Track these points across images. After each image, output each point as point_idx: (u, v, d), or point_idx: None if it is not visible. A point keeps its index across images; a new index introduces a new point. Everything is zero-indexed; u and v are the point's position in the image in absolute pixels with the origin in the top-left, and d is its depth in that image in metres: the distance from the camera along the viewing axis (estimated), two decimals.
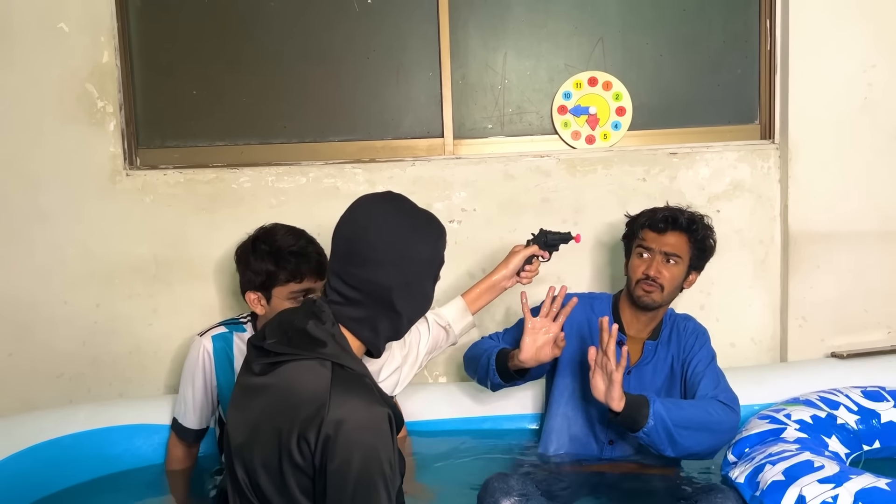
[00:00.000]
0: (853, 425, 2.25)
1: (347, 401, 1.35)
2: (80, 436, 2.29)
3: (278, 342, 1.45)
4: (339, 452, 1.32)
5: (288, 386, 1.39)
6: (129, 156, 2.77)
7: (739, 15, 2.83)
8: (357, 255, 1.46)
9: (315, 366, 1.40)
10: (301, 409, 1.35)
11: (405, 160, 2.78)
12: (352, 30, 2.80)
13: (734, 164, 2.79)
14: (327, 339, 1.43)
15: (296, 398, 1.37)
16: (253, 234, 2.20)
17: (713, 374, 2.16)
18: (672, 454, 2.00)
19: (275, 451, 1.37)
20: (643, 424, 1.94)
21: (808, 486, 1.82)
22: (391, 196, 1.58)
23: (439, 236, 1.58)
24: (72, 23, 2.68)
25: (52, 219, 2.73)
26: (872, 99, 2.73)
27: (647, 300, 2.18)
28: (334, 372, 1.39)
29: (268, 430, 1.38)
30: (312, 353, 1.41)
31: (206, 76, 2.81)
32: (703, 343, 2.24)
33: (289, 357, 1.42)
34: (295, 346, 1.43)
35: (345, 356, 1.43)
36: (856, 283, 2.80)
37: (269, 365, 1.44)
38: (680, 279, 2.21)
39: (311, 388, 1.36)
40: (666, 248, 2.17)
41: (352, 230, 1.49)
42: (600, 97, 2.81)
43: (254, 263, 2.12)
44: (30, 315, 2.76)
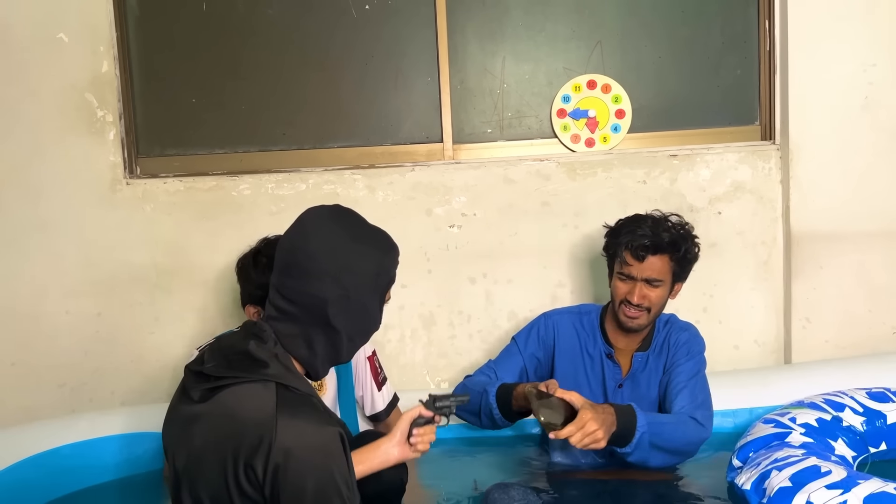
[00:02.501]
0: (859, 427, 2.23)
1: (295, 425, 1.29)
2: (80, 445, 2.29)
3: (217, 366, 1.38)
4: (291, 481, 1.27)
5: (230, 412, 1.32)
6: (129, 165, 2.78)
7: (738, 16, 2.82)
8: (295, 266, 1.40)
9: (258, 388, 1.33)
10: (245, 436, 1.29)
11: (405, 166, 2.78)
12: (350, 36, 2.80)
13: (735, 165, 2.78)
14: (269, 359, 1.36)
15: (239, 425, 1.30)
16: (255, 247, 2.15)
17: (693, 390, 2.10)
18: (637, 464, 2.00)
19: (221, 482, 1.31)
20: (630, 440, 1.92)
21: (815, 492, 1.80)
22: (338, 208, 1.50)
23: (386, 252, 1.48)
24: (71, 33, 2.70)
25: (52, 228, 2.74)
26: (873, 98, 2.72)
27: (632, 325, 2.14)
28: (279, 394, 1.32)
29: (212, 459, 1.32)
30: (254, 375, 1.34)
31: (204, 84, 2.82)
32: (692, 355, 2.17)
33: (229, 381, 1.35)
34: (235, 368, 1.36)
35: (289, 376, 1.36)
36: (859, 284, 2.78)
37: (209, 391, 1.36)
38: (666, 297, 2.16)
39: (255, 413, 1.30)
40: (647, 275, 2.10)
41: (293, 241, 1.43)
42: (599, 100, 2.80)
43: (255, 276, 2.07)
44: (32, 325, 2.77)
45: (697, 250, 2.20)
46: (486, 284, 2.79)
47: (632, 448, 1.92)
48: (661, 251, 2.09)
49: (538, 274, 2.79)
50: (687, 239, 2.15)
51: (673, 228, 2.14)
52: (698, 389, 2.12)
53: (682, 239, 2.13)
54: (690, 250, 2.16)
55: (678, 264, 2.14)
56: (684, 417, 2.04)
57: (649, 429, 1.93)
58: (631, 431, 1.90)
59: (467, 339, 2.82)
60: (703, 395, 2.12)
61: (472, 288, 2.80)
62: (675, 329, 2.23)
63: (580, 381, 2.21)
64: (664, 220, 2.16)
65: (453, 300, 2.81)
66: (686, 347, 2.18)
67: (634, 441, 1.90)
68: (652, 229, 2.10)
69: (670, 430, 1.99)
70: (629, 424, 1.91)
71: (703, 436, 2.05)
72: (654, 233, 2.10)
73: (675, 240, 2.11)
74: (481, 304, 2.80)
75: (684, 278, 2.21)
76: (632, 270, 2.11)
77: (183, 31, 2.80)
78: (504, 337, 2.78)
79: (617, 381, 2.20)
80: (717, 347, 2.80)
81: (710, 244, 2.79)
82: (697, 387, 2.12)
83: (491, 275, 2.79)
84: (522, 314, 2.79)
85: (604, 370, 2.21)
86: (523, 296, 2.80)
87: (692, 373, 2.14)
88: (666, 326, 2.23)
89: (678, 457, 2.06)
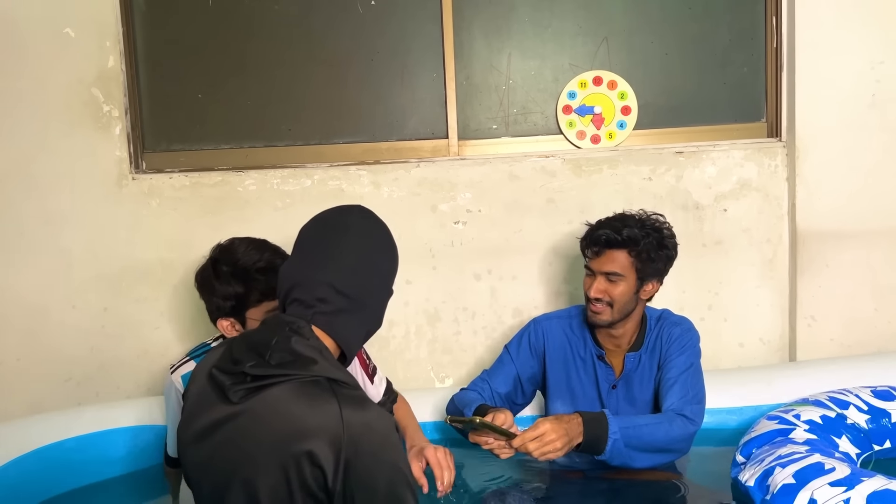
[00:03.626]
0: (863, 425, 2.23)
1: (360, 422, 1.29)
2: (85, 438, 2.29)
3: (257, 364, 1.33)
4: (364, 477, 1.27)
5: (284, 412, 1.29)
6: (135, 160, 2.78)
7: (746, 12, 2.81)
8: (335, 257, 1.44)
9: (310, 387, 1.31)
10: (311, 436, 1.26)
11: (410, 162, 2.78)
12: (355, 32, 2.80)
13: (741, 162, 2.78)
14: (315, 355, 1.34)
15: (301, 424, 1.27)
16: (210, 256, 2.02)
17: (684, 384, 2.08)
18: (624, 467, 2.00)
19: (282, 481, 1.27)
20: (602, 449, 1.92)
21: (819, 489, 1.80)
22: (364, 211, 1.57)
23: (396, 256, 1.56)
24: (77, 28, 2.70)
25: (59, 223, 2.75)
26: (881, 96, 2.71)
27: (596, 320, 2.13)
28: (335, 392, 1.31)
29: (270, 458, 1.28)
30: (304, 372, 1.31)
31: (210, 80, 2.82)
32: (684, 350, 2.14)
33: (277, 379, 1.31)
34: (282, 366, 1.32)
35: (336, 371, 1.35)
36: (865, 282, 2.77)
37: (251, 390, 1.31)
38: (629, 294, 2.10)
39: (318, 412, 1.28)
40: (605, 269, 2.09)
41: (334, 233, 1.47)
42: (605, 96, 2.80)
43: (220, 288, 1.92)
44: (38, 319, 2.78)
45: (668, 251, 2.14)
46: (490, 281, 2.80)
47: (607, 455, 1.91)
48: (616, 246, 2.08)
49: (543, 270, 2.79)
50: (650, 236, 2.10)
51: (638, 225, 2.11)
52: (690, 383, 2.10)
53: (643, 235, 2.08)
54: (653, 248, 2.10)
55: (639, 260, 2.09)
56: (669, 416, 2.02)
57: (623, 433, 1.92)
58: (602, 438, 1.90)
59: (472, 335, 2.82)
60: (694, 389, 2.09)
61: (477, 284, 2.80)
62: (667, 325, 2.20)
63: (573, 386, 2.21)
64: (636, 217, 2.14)
65: (458, 296, 2.81)
66: (678, 342, 2.15)
67: (608, 448, 1.90)
68: (614, 225, 2.10)
69: (650, 431, 1.97)
70: (599, 431, 1.90)
71: (691, 430, 2.03)
72: (614, 228, 2.09)
73: (633, 236, 2.07)
74: (486, 300, 2.80)
75: (653, 277, 2.14)
76: (592, 265, 2.12)
77: (189, 27, 2.80)
78: (509, 333, 2.78)
79: (610, 382, 2.18)
80: (722, 345, 2.80)
81: (716, 241, 2.79)
82: (689, 381, 2.10)
83: (496, 271, 2.79)
84: (527, 311, 2.79)
85: (596, 372, 2.19)
86: (528, 292, 2.80)
87: (684, 367, 2.12)
88: (658, 323, 2.21)
89: (667, 455, 2.04)
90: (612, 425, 1.92)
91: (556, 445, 1.84)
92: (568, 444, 1.87)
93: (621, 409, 2.15)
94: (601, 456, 1.92)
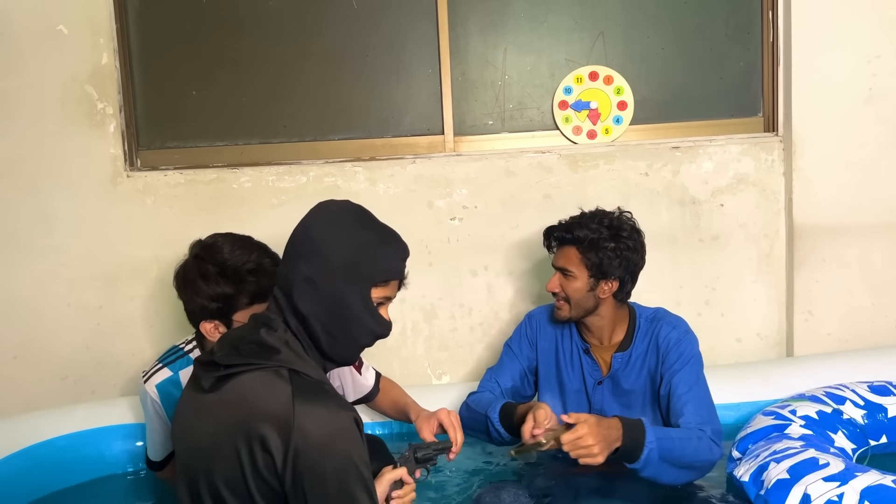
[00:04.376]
0: (859, 420, 2.23)
1: (312, 410, 1.30)
2: (76, 436, 2.28)
3: (227, 354, 1.38)
4: (311, 465, 1.28)
5: (243, 398, 1.33)
6: (129, 157, 2.77)
7: (742, 7, 2.81)
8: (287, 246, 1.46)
9: (270, 375, 1.34)
10: (262, 421, 1.30)
11: (406, 158, 2.77)
12: (350, 28, 2.79)
13: (738, 157, 2.77)
14: (280, 346, 1.37)
15: (254, 411, 1.31)
16: (193, 254, 1.90)
17: (697, 400, 2.05)
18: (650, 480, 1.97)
19: (237, 467, 1.31)
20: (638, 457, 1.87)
21: (813, 484, 1.80)
22: (349, 203, 1.51)
23: (374, 245, 1.44)
24: (71, 25, 2.68)
25: (54, 221, 2.74)
26: (877, 90, 2.70)
27: (556, 315, 2.15)
28: (293, 381, 1.33)
29: (227, 446, 1.32)
30: (267, 362, 1.35)
31: (205, 76, 2.81)
32: (689, 360, 2.09)
33: (241, 368, 1.35)
34: (246, 355, 1.36)
35: (300, 363, 1.37)
36: (862, 277, 2.77)
37: (220, 379, 1.36)
38: (583, 291, 2.08)
39: (271, 399, 1.31)
40: (558, 264, 2.12)
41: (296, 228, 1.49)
42: (601, 92, 2.79)
43: (206, 289, 1.81)
44: (34, 318, 2.77)
45: (622, 251, 2.07)
46: (487, 277, 2.79)
47: (641, 464, 1.87)
48: (566, 243, 2.11)
49: (539, 266, 2.79)
50: (600, 233, 2.06)
51: (594, 222, 2.09)
52: (702, 401, 2.05)
53: (593, 232, 2.06)
54: (603, 247, 2.05)
55: (587, 258, 2.06)
56: (695, 432, 1.98)
57: (658, 444, 1.88)
58: (639, 446, 1.86)
59: (468, 331, 2.82)
60: (707, 407, 2.05)
61: (474, 281, 2.80)
62: (663, 326, 2.13)
63: (562, 378, 2.20)
64: (598, 215, 2.12)
65: (454, 293, 2.80)
66: (678, 350, 2.10)
67: (643, 457, 1.86)
68: (570, 223, 2.13)
69: (681, 445, 1.93)
70: (637, 439, 1.86)
71: (717, 455, 2.00)
72: (567, 227, 2.12)
73: (581, 233, 2.07)
74: (483, 296, 2.80)
75: (611, 276, 2.08)
76: (552, 261, 2.16)
77: (183, 23, 2.79)
78: (506, 329, 2.78)
79: (596, 378, 2.16)
80: (720, 340, 2.80)
81: (713, 237, 2.78)
82: (700, 397, 2.06)
83: (492, 267, 2.79)
84: (524, 306, 2.78)
85: (582, 367, 2.18)
86: (525, 288, 2.79)
87: (692, 381, 2.07)
88: (651, 324, 2.16)
89: (691, 472, 2.00)
90: (648, 434, 1.87)
91: (592, 451, 1.79)
92: (606, 449, 1.82)
93: (607, 405, 2.15)
94: (634, 464, 1.88)
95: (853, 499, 1.73)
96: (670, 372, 2.08)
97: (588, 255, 2.07)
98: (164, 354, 2.10)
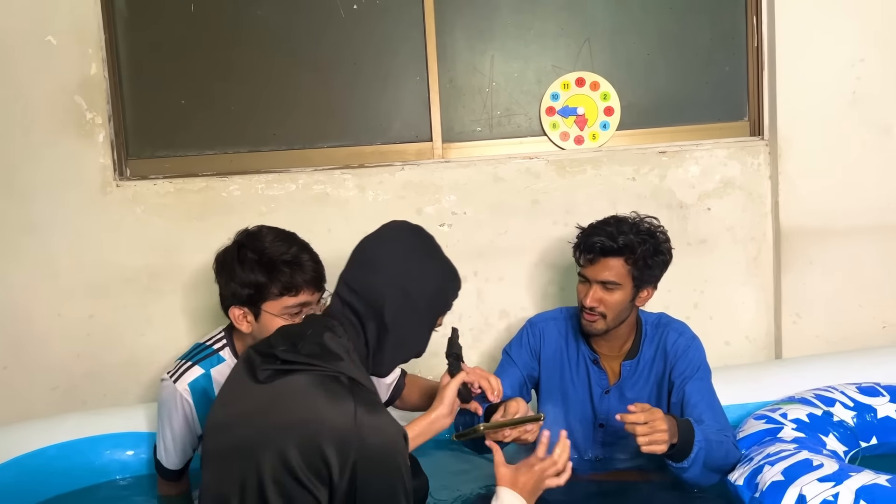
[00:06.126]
0: (850, 422, 2.24)
1: (375, 422, 1.32)
2: (66, 446, 2.27)
3: (289, 350, 1.39)
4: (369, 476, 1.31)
5: (304, 398, 1.33)
6: (118, 167, 2.77)
7: (726, 12, 2.83)
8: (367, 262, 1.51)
9: (330, 382, 1.35)
10: (324, 431, 1.30)
11: (394, 165, 2.78)
12: (338, 36, 2.80)
13: (724, 161, 2.79)
14: (343, 353, 1.39)
15: (316, 416, 1.31)
16: (236, 240, 1.95)
17: (713, 408, 2.03)
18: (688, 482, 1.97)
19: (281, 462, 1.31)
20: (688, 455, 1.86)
21: (808, 485, 1.81)
22: (419, 227, 1.63)
23: (451, 278, 1.60)
24: (59, 35, 2.69)
25: (43, 231, 2.74)
26: (861, 93, 2.72)
27: (590, 329, 2.07)
28: (353, 392, 1.34)
29: (280, 439, 1.32)
30: (328, 367, 1.36)
31: (194, 85, 2.81)
32: (697, 366, 2.08)
33: (302, 367, 1.36)
34: (309, 356, 1.37)
35: (359, 374, 1.38)
36: (849, 279, 2.79)
37: (278, 372, 1.37)
38: (625, 302, 2.05)
39: (334, 405, 1.32)
40: (601, 278, 2.02)
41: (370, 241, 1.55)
42: (588, 97, 2.81)
43: (240, 274, 1.85)
44: (24, 328, 2.77)
45: (664, 256, 2.08)
46: (477, 283, 2.80)
47: (689, 463, 1.85)
48: (612, 254, 2.01)
49: (529, 272, 2.80)
50: (647, 242, 2.04)
51: (633, 231, 2.04)
52: (717, 408, 2.05)
53: (640, 242, 2.02)
54: (651, 254, 2.04)
55: (636, 268, 2.03)
56: (722, 436, 1.98)
57: (706, 445, 1.87)
58: (689, 445, 1.85)
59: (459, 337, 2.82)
60: (722, 413, 2.05)
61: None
62: (669, 332, 2.13)
63: (566, 389, 2.19)
64: (629, 221, 2.08)
65: None
66: (687, 357, 2.09)
67: (692, 455, 1.84)
68: (609, 232, 2.03)
69: (718, 448, 1.93)
70: (688, 437, 1.85)
71: (738, 457, 2.02)
72: (609, 235, 2.02)
73: (630, 243, 2.01)
74: (473, 302, 2.81)
75: (650, 284, 2.09)
76: (587, 273, 2.05)
77: (171, 33, 2.80)
78: (496, 335, 2.79)
79: (603, 387, 2.15)
80: (708, 343, 2.76)
81: (700, 240, 2.80)
82: (715, 404, 2.06)
83: (482, 273, 2.80)
84: (514, 312, 2.79)
85: (589, 376, 2.17)
86: (515, 294, 2.80)
87: (705, 389, 2.06)
88: (657, 329, 2.15)
89: (716, 476, 2.00)
90: (697, 433, 1.86)
91: (664, 437, 1.78)
92: (669, 440, 1.80)
93: (613, 414, 2.14)
94: (681, 463, 1.86)
95: (848, 498, 1.74)
96: (682, 379, 2.07)
97: (636, 265, 2.02)
98: (189, 352, 2.04)
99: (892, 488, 1.73)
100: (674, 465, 1.88)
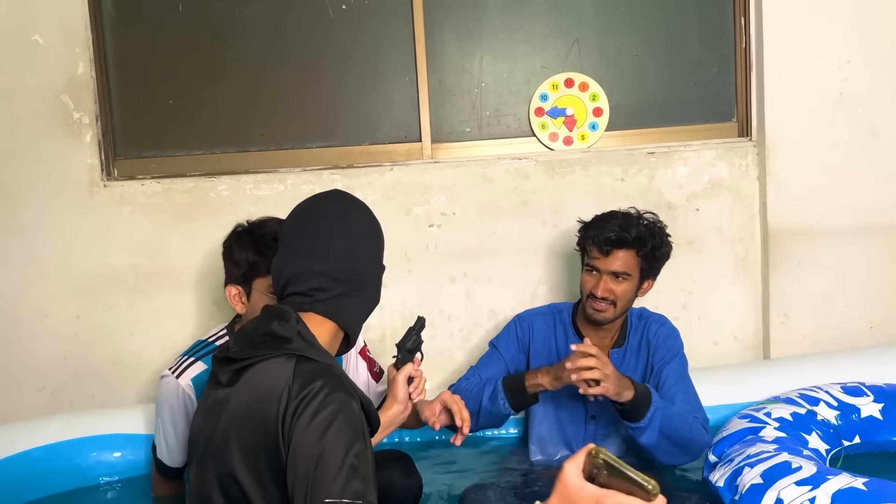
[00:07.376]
0: (833, 421, 2.25)
1: (309, 375, 1.33)
2: (53, 447, 2.26)
3: (242, 348, 1.42)
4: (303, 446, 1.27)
5: (254, 387, 1.36)
6: (106, 167, 2.76)
7: (714, 13, 2.84)
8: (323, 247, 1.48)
9: (280, 362, 1.37)
10: (268, 407, 1.32)
11: (383, 165, 2.78)
12: (327, 36, 2.79)
13: (712, 162, 2.80)
14: (293, 335, 1.40)
15: (262, 397, 1.33)
16: (245, 226, 2.06)
17: (685, 391, 2.14)
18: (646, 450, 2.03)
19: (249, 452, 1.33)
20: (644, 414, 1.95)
21: (785, 488, 1.82)
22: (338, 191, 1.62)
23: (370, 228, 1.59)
24: (46, 35, 2.68)
25: (30, 231, 2.72)
26: (848, 94, 2.73)
27: (599, 318, 2.16)
28: (298, 363, 1.36)
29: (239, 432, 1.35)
30: (278, 351, 1.38)
31: (182, 85, 2.80)
32: (675, 353, 2.19)
33: (254, 359, 1.39)
34: (259, 347, 1.40)
35: (311, 350, 1.39)
36: (837, 279, 2.80)
37: (236, 372, 1.41)
38: (632, 292, 2.17)
39: (275, 384, 1.34)
40: (614, 268, 2.12)
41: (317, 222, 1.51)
42: (577, 98, 2.81)
43: (236, 253, 1.97)
44: (10, 329, 2.75)
45: (668, 248, 2.20)
46: (466, 283, 2.80)
47: (645, 423, 1.94)
48: (626, 245, 2.11)
49: (518, 272, 2.80)
50: (655, 235, 2.16)
51: (642, 224, 2.15)
52: (690, 391, 2.15)
53: (650, 235, 2.14)
54: (659, 247, 2.16)
55: (645, 260, 2.14)
56: (690, 414, 2.06)
57: (662, 408, 1.96)
58: (646, 404, 1.93)
59: (448, 338, 2.82)
60: (695, 397, 2.14)
61: (453, 287, 2.81)
62: (651, 323, 2.24)
63: None
64: (635, 216, 2.18)
65: (434, 299, 2.81)
66: (667, 344, 2.20)
67: (648, 416, 1.93)
68: (620, 224, 2.13)
69: (679, 420, 2.01)
70: (645, 395, 1.94)
71: (707, 442, 2.09)
72: (621, 227, 2.12)
73: (641, 235, 2.12)
74: (462, 302, 2.81)
75: (653, 276, 2.21)
76: (598, 263, 2.14)
77: (159, 33, 2.79)
78: (485, 335, 2.79)
79: None
80: (697, 344, 2.81)
81: (689, 241, 2.80)
82: (689, 388, 2.15)
83: (471, 273, 2.80)
84: (503, 313, 2.79)
85: None
86: (504, 294, 2.80)
87: (680, 373, 2.16)
88: (641, 321, 2.25)
89: (682, 453, 2.07)
90: (654, 395, 1.96)
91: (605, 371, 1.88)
92: (616, 383, 1.90)
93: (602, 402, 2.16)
94: (638, 423, 1.94)
95: (825, 502, 1.74)
96: (660, 364, 2.17)
97: (646, 257, 2.14)
98: (190, 349, 2.09)
99: (869, 492, 1.73)
100: (630, 425, 1.97)
